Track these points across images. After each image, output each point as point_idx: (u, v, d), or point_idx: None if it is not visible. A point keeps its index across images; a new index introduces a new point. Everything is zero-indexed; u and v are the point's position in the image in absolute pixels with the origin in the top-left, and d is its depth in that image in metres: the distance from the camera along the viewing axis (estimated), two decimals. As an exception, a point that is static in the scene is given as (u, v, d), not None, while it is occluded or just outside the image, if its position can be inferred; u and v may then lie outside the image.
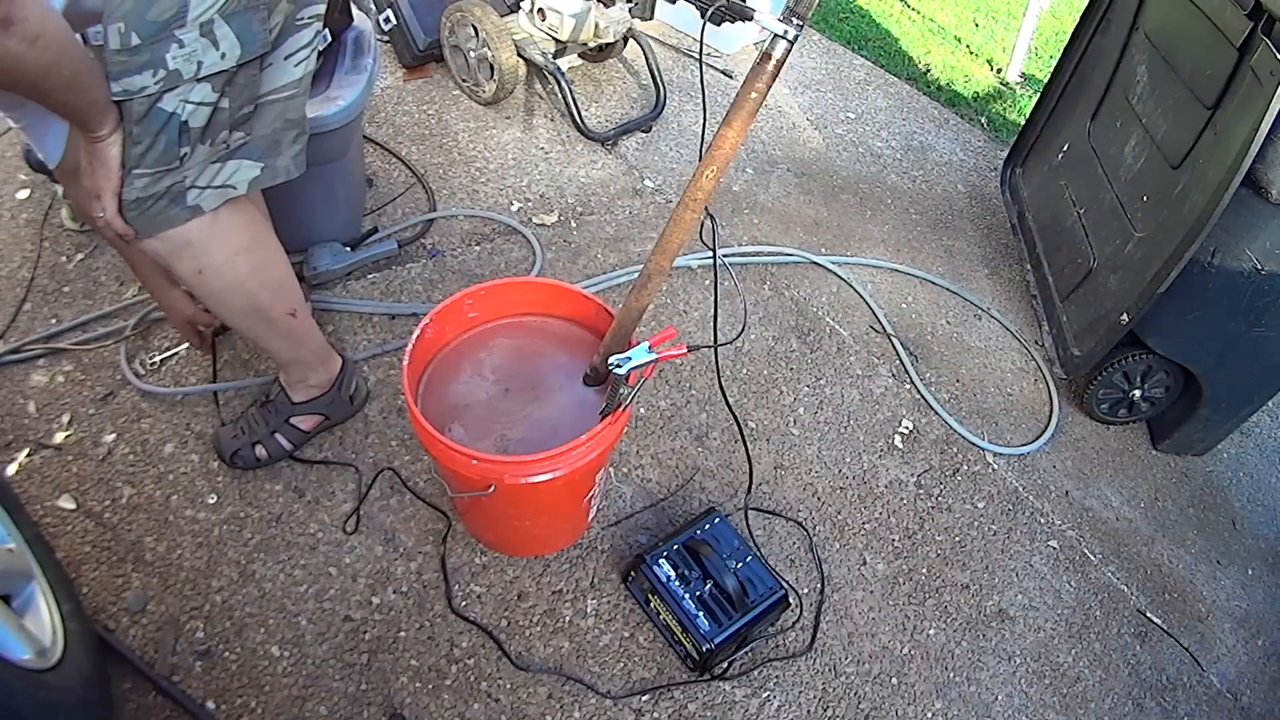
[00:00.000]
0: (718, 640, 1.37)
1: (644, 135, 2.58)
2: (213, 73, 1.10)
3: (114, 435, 1.64)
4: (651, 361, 1.22)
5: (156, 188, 1.15)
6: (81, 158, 1.12)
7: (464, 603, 1.50)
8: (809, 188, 2.56)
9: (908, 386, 2.03)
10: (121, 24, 1.04)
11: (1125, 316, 1.80)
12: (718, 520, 1.53)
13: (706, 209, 1.16)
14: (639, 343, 1.25)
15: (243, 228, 1.29)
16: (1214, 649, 1.74)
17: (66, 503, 1.54)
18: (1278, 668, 1.74)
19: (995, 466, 1.92)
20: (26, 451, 1.60)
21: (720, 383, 1.53)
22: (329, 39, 1.86)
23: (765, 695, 1.47)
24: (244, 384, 1.73)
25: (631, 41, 2.64)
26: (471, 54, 2.44)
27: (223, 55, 1.10)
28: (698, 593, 1.42)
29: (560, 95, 2.46)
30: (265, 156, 1.25)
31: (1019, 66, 3.47)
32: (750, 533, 1.66)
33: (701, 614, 1.40)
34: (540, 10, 2.43)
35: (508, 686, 1.42)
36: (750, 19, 1.07)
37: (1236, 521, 1.98)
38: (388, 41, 2.62)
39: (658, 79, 2.59)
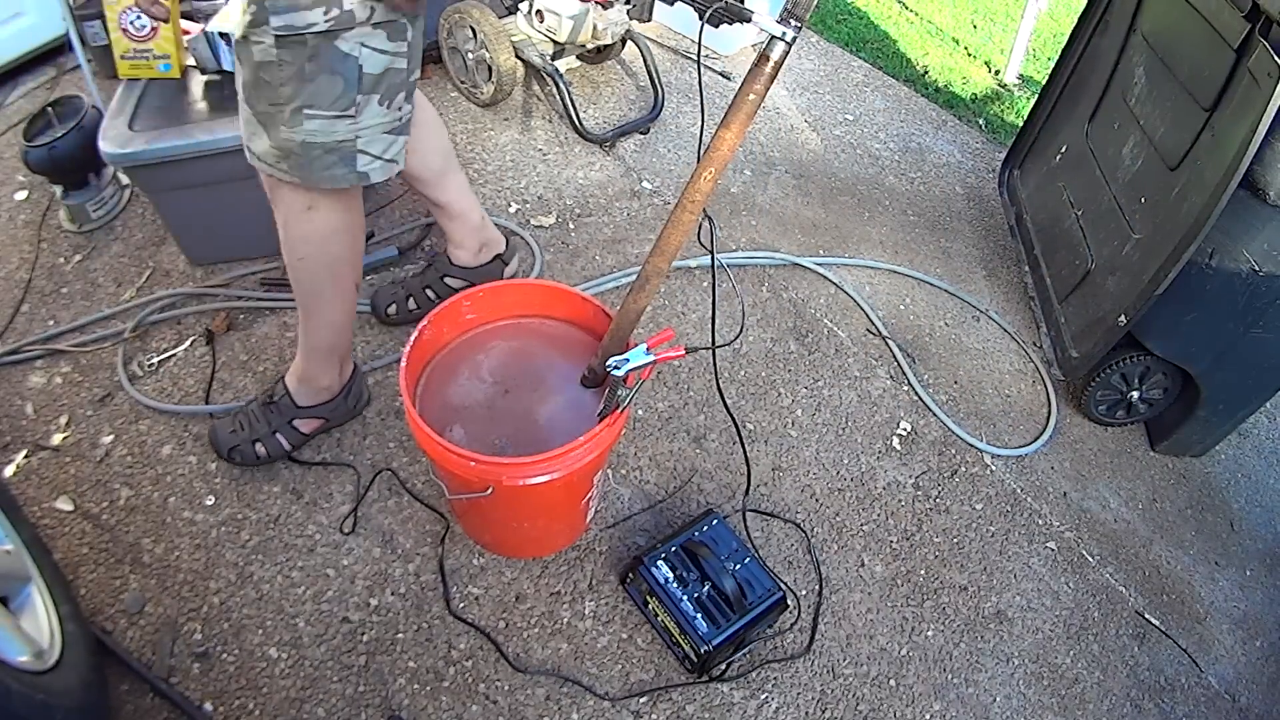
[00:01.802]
0: (716, 642, 1.37)
1: (642, 137, 2.58)
2: (385, 20, 1.11)
3: (112, 437, 1.64)
4: (649, 363, 1.23)
5: (329, 136, 1.18)
6: None
7: (462, 604, 1.50)
8: (807, 189, 2.56)
9: (905, 388, 2.03)
10: None
11: (1123, 318, 1.80)
12: (716, 522, 1.53)
13: (705, 211, 1.17)
14: (637, 344, 1.25)
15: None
16: (1212, 650, 1.74)
17: (64, 504, 1.54)
18: (1276, 669, 1.74)
19: (993, 468, 1.92)
20: (24, 453, 1.60)
21: (718, 384, 1.53)
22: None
23: (763, 697, 1.47)
24: (232, 407, 1.72)
25: (630, 43, 2.64)
26: (469, 55, 2.44)
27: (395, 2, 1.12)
28: (696, 594, 1.42)
29: (558, 97, 2.46)
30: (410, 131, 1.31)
31: (1017, 68, 3.47)
32: (748, 534, 1.66)
33: (700, 616, 1.40)
34: (538, 12, 2.43)
35: (506, 688, 1.41)
36: (748, 21, 1.07)
37: (1235, 523, 1.98)
38: (386, 43, 2.62)
39: (656, 81, 2.59)
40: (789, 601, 1.54)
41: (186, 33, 1.82)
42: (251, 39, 1.11)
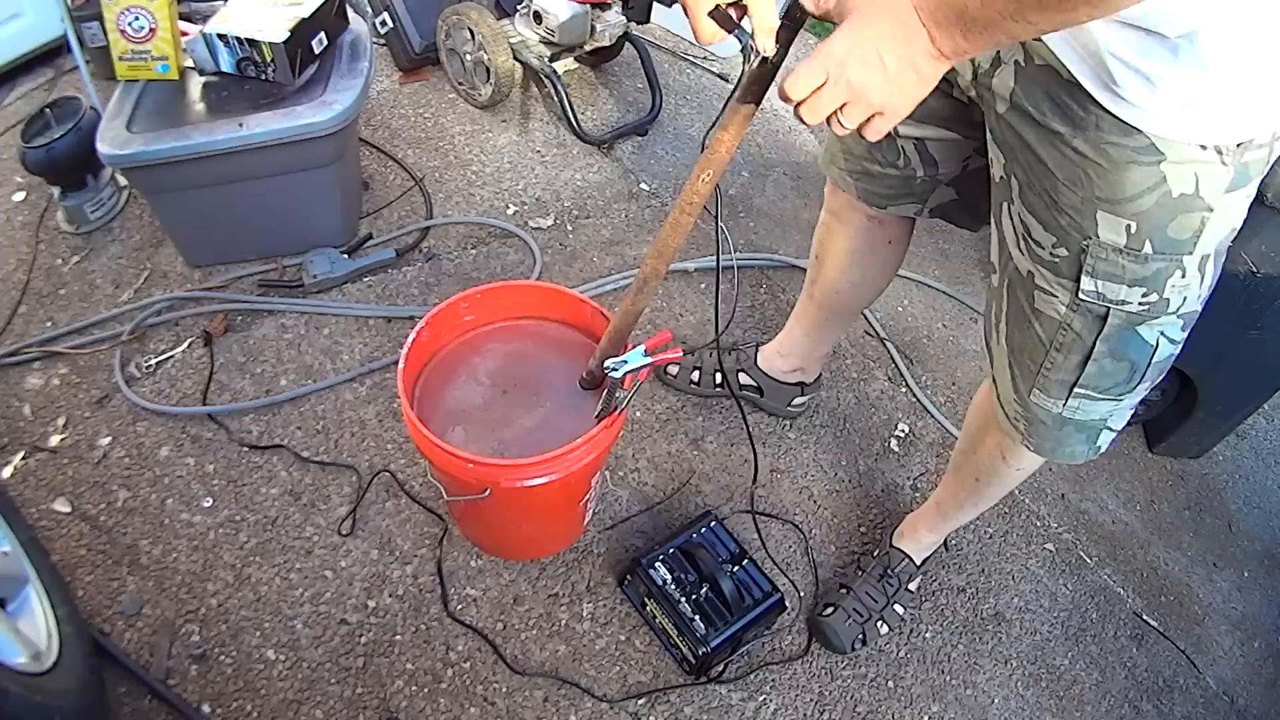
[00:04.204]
0: (714, 643, 1.37)
1: (640, 138, 2.58)
2: (1187, 310, 0.97)
3: (109, 438, 1.64)
4: (647, 365, 1.23)
5: (1086, 415, 1.07)
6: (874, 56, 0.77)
7: (460, 606, 1.50)
8: (805, 191, 2.56)
9: (904, 390, 2.03)
10: (1134, 223, 0.90)
11: (1121, 319, 1.80)
12: (714, 523, 1.53)
13: (714, 214, 1.15)
14: (635, 346, 1.25)
15: None
16: (1210, 651, 1.74)
17: (62, 506, 1.54)
18: (1274, 670, 1.75)
19: (991, 469, 1.92)
20: (22, 454, 1.60)
21: (724, 378, 1.52)
22: (325, 42, 1.86)
23: (761, 699, 1.47)
24: (237, 408, 1.72)
25: (628, 45, 2.64)
26: (468, 57, 2.44)
27: (1199, 296, 0.97)
28: (694, 596, 1.42)
29: (556, 98, 2.46)
30: None
31: (1015, 70, 3.47)
32: (747, 536, 1.66)
33: (697, 617, 1.40)
34: (536, 14, 2.43)
35: (504, 690, 1.41)
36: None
37: (1232, 524, 1.98)
38: (384, 44, 2.62)
39: (654, 82, 2.59)
40: (787, 603, 1.54)
41: (185, 34, 1.82)
42: (1042, 286, 1.00)
